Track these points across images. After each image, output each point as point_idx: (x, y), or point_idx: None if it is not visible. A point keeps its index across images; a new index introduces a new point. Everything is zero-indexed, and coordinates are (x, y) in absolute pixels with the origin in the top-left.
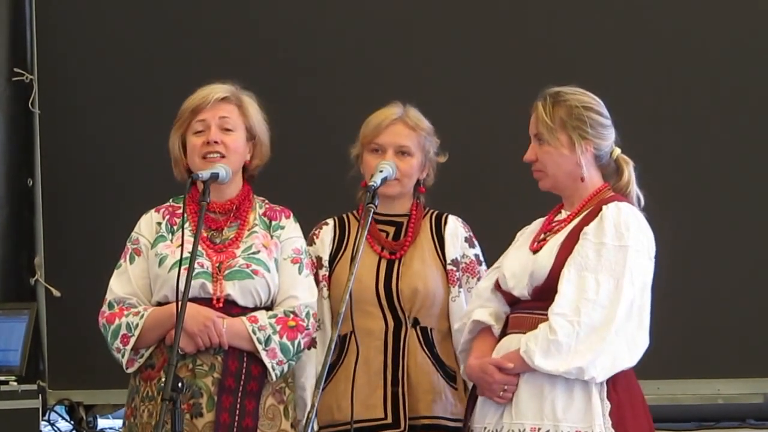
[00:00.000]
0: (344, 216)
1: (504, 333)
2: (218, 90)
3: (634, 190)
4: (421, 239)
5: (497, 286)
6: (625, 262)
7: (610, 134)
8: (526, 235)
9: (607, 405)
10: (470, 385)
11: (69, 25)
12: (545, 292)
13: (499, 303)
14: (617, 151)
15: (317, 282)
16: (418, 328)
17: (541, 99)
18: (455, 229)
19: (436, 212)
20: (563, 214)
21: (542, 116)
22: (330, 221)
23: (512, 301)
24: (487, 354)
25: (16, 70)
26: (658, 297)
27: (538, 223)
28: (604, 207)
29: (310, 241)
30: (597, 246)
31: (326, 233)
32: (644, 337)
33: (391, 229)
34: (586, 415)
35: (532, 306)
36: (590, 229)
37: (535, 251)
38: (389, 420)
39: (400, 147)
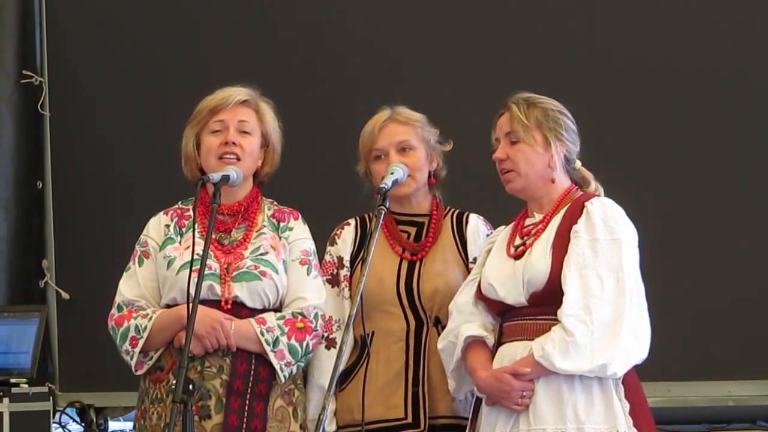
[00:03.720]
0: (366, 216)
1: (499, 342)
2: (239, 93)
3: (603, 195)
4: (442, 239)
5: (481, 297)
6: (621, 256)
7: (578, 143)
8: (498, 243)
9: (626, 404)
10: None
11: (78, 26)
12: (545, 297)
13: (482, 315)
14: (578, 163)
15: (339, 282)
16: (439, 327)
17: (513, 102)
18: (476, 227)
19: (457, 211)
20: (536, 217)
21: (517, 115)
22: (352, 221)
23: (503, 310)
24: (489, 365)
25: (24, 72)
26: (669, 299)
27: (506, 231)
28: (587, 203)
29: (331, 241)
30: (591, 243)
31: (348, 233)
32: (647, 327)
33: (413, 230)
34: (608, 416)
35: (531, 312)
36: (580, 226)
37: (516, 257)
38: (409, 420)
39: (400, 144)
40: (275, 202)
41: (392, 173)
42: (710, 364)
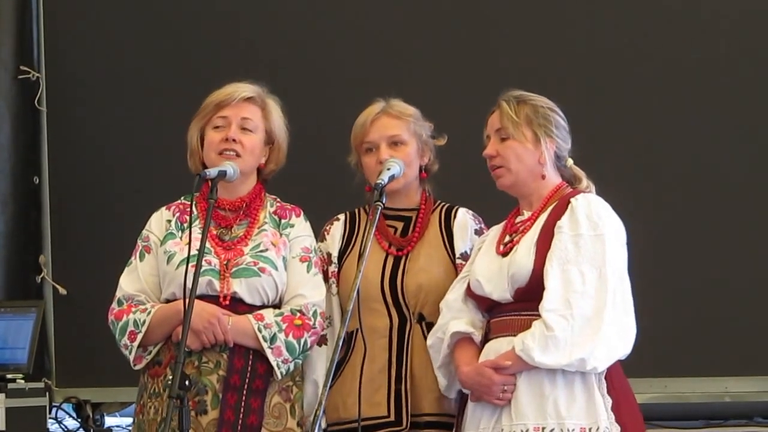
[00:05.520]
0: (355, 211)
1: (485, 339)
2: (245, 89)
3: (594, 192)
4: (429, 234)
5: (470, 294)
6: (605, 251)
7: (569, 140)
8: (488, 241)
9: (609, 400)
10: None
11: (75, 22)
12: (529, 293)
13: (471, 312)
14: (570, 161)
15: (327, 279)
16: (423, 324)
17: (504, 99)
18: (464, 221)
19: (446, 206)
20: (525, 215)
21: (507, 112)
22: (341, 216)
23: (490, 307)
24: (474, 361)
25: (22, 67)
26: (666, 294)
27: (497, 229)
28: (572, 199)
29: (321, 237)
30: (574, 238)
31: (336, 229)
32: (632, 323)
33: (400, 225)
34: (589, 412)
35: (516, 308)
36: (564, 222)
37: (504, 254)
38: (392, 418)
39: (392, 138)
40: (278, 199)
41: (389, 169)
42: (707, 360)
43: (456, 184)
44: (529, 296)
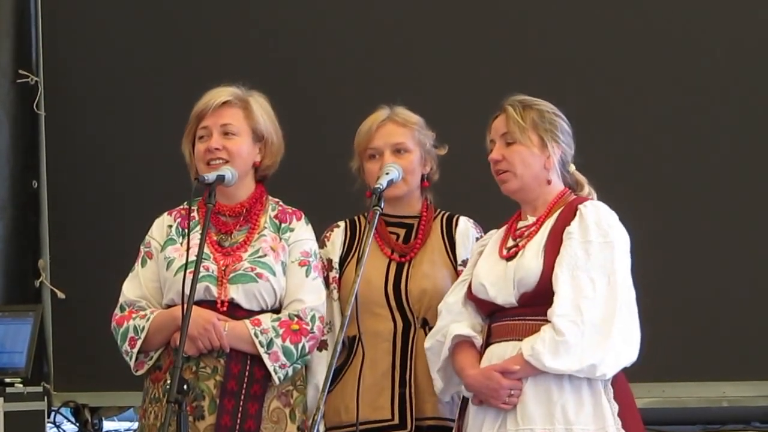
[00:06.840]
0: (355, 218)
1: (487, 343)
2: (221, 94)
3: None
4: (431, 241)
5: (471, 297)
6: (613, 258)
7: (573, 146)
8: (490, 245)
9: (616, 406)
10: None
11: (74, 26)
12: (536, 297)
13: (471, 315)
14: (572, 167)
15: (328, 284)
16: (426, 328)
17: (509, 104)
18: (466, 229)
19: (447, 213)
20: (529, 220)
21: (513, 116)
22: (341, 223)
23: (492, 311)
24: (477, 364)
25: (20, 71)
26: (664, 299)
27: (498, 234)
28: (580, 206)
29: (321, 244)
30: (584, 245)
31: (337, 236)
32: (637, 329)
33: (402, 231)
34: (596, 417)
35: (521, 313)
36: (573, 228)
37: (508, 258)
38: (396, 421)
39: (396, 145)
40: (280, 202)
41: (387, 173)
42: (705, 365)
43: (450, 191)
44: (534, 301)
